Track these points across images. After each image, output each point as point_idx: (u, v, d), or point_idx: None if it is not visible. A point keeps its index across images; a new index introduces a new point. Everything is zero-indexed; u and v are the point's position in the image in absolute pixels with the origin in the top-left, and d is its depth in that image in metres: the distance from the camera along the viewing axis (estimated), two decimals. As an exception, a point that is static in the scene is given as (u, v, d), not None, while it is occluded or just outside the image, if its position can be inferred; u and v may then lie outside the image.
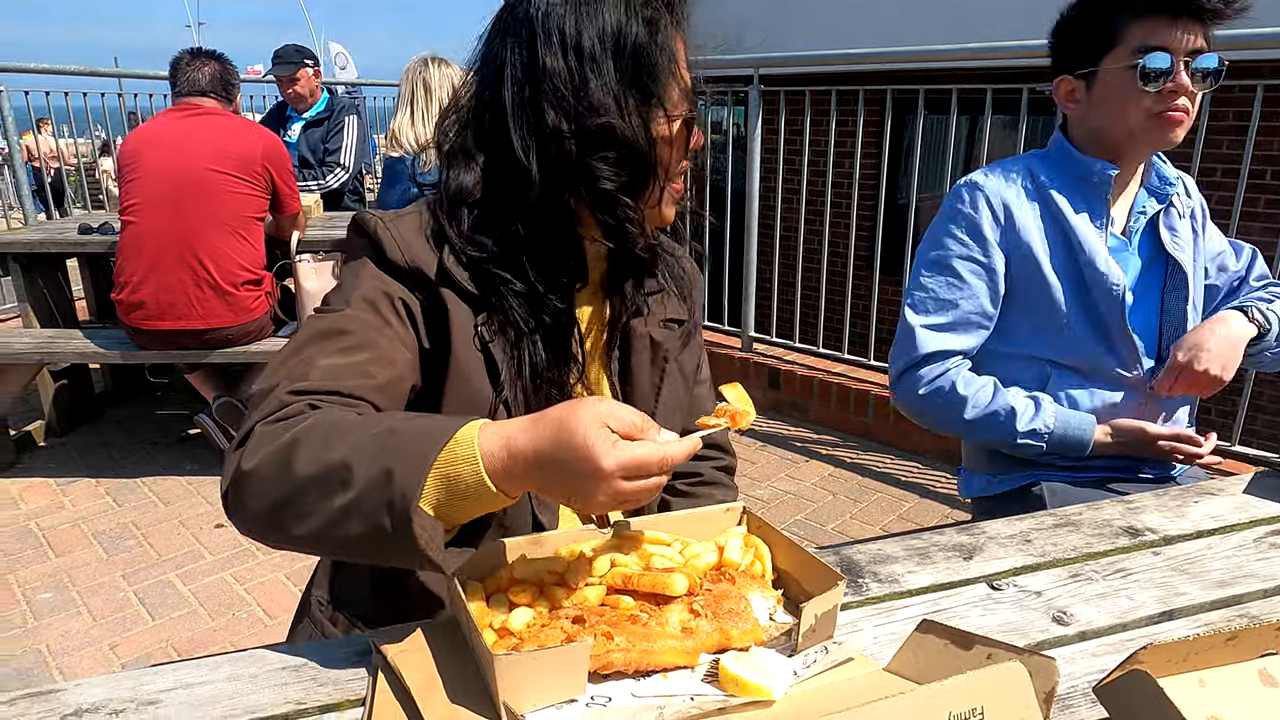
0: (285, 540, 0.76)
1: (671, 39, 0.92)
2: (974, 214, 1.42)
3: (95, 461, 3.39)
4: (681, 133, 0.94)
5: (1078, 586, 0.90)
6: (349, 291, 0.89)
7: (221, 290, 2.93)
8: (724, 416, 0.83)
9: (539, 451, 0.70)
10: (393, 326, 0.89)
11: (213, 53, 3.15)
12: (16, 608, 2.42)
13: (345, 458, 0.71)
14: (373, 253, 0.91)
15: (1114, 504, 1.10)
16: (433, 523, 0.70)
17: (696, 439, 0.75)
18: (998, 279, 1.43)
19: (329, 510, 0.71)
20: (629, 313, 1.02)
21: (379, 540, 0.70)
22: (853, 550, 0.98)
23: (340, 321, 0.87)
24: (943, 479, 3.22)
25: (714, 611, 0.75)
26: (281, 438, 0.74)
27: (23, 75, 4.72)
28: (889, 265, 3.86)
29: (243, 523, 0.77)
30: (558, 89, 0.88)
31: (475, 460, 0.70)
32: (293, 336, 0.87)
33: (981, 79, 3.22)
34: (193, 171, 2.90)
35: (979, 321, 1.43)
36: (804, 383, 3.74)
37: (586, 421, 0.68)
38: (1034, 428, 1.39)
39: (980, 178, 1.45)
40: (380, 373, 0.85)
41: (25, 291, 3.52)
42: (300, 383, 0.81)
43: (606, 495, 0.68)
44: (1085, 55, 1.38)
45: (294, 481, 0.72)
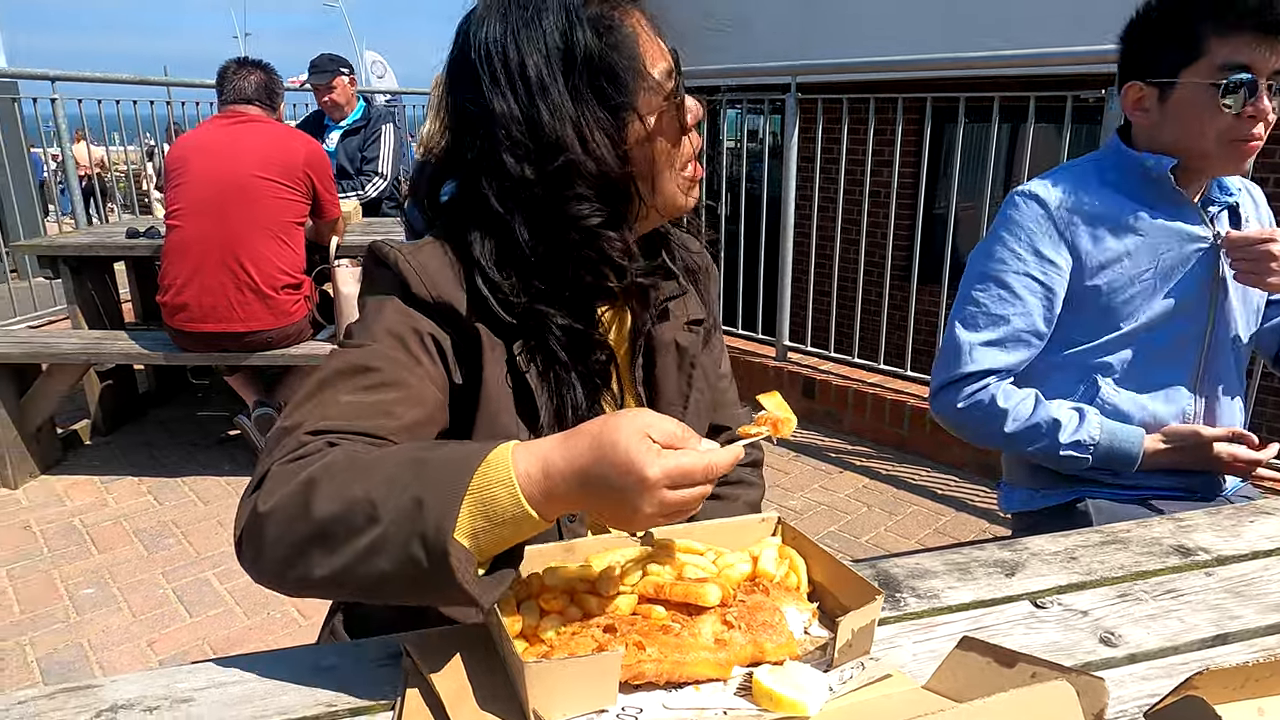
0: (306, 585, 0.70)
1: (628, 26, 0.86)
2: (1032, 226, 1.37)
3: (138, 460, 3.47)
4: (671, 118, 0.88)
5: (1126, 607, 0.87)
6: (373, 325, 0.84)
7: (262, 294, 2.98)
8: (765, 424, 0.81)
9: (579, 469, 0.66)
10: (423, 364, 0.84)
11: (258, 62, 3.21)
12: (60, 602, 2.47)
13: (369, 492, 0.67)
14: (398, 286, 0.86)
15: (1164, 522, 1.07)
16: (467, 554, 0.65)
17: (739, 448, 0.72)
18: (1054, 296, 1.37)
19: (354, 549, 0.66)
20: (652, 320, 0.98)
21: (412, 576, 0.66)
22: (890, 564, 0.96)
23: (365, 357, 0.82)
24: (981, 493, 3.16)
25: (748, 623, 0.74)
26: (298, 476, 0.70)
27: (76, 84, 4.86)
28: (927, 275, 3.81)
29: (259, 570, 0.72)
30: (512, 134, 0.83)
31: (511, 483, 0.66)
32: (315, 372, 0.83)
33: (1024, 86, 3.16)
34: (237, 177, 2.96)
35: (1029, 340, 1.38)
36: (839, 392, 3.69)
37: (627, 433, 0.65)
38: (1078, 439, 1.34)
39: (1040, 187, 1.39)
40: (407, 413, 0.81)
41: (74, 294, 3.62)
42: (320, 422, 0.77)
43: (653, 506, 0.65)
44: (1162, 64, 1.31)
45: (314, 521, 0.67)
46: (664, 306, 0.99)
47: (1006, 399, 1.37)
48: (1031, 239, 1.37)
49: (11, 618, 2.40)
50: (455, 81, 0.88)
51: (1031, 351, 1.39)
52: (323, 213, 3.19)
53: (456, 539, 0.64)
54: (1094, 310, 1.37)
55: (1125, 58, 1.38)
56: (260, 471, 0.73)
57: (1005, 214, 1.41)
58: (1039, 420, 1.35)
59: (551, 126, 0.83)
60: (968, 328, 1.40)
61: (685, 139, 0.90)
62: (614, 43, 0.85)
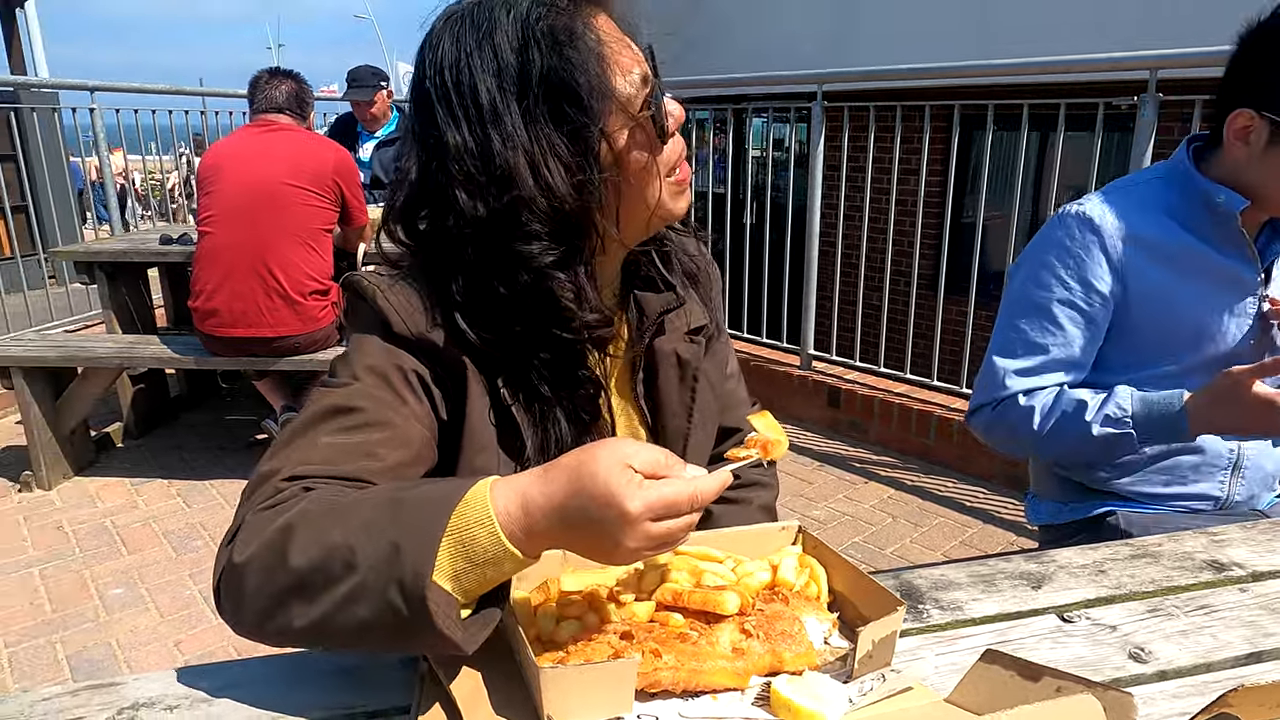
0: (287, 636, 0.67)
1: (591, 35, 0.78)
2: (1082, 254, 1.28)
3: (168, 463, 3.52)
4: (647, 128, 0.81)
5: (1157, 622, 0.85)
6: (356, 363, 0.81)
7: (290, 299, 3.02)
8: (755, 447, 0.78)
9: (558, 504, 0.63)
10: (408, 403, 0.80)
11: (289, 72, 3.27)
12: (90, 602, 2.51)
13: (346, 538, 0.64)
14: (378, 324, 0.82)
15: (1196, 536, 1.04)
16: (448, 598, 0.62)
17: (727, 473, 0.69)
18: (1098, 327, 1.31)
19: (333, 598, 0.64)
20: (650, 333, 0.94)
21: (392, 624, 0.63)
22: (913, 575, 0.94)
23: (348, 397, 0.78)
24: (1008, 504, 3.11)
25: (766, 633, 0.73)
26: (274, 524, 0.67)
27: (115, 94, 4.98)
28: (954, 284, 3.77)
29: (238, 621, 0.69)
30: (465, 168, 0.78)
31: (490, 521, 0.63)
32: (298, 414, 0.79)
33: (1054, 94, 3.13)
34: (268, 185, 3.01)
35: (1067, 369, 1.32)
36: (864, 402, 3.66)
37: (606, 465, 0.62)
38: (1108, 413, 1.23)
39: (1095, 210, 1.29)
40: (391, 454, 0.77)
41: (109, 299, 3.70)
42: (299, 467, 0.73)
43: (636, 540, 0.62)
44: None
45: (292, 571, 0.65)
46: (660, 321, 0.95)
47: (1031, 398, 1.32)
48: (1080, 267, 1.29)
49: (44, 616, 2.44)
50: (415, 109, 0.83)
51: (1072, 379, 1.33)
52: (351, 220, 3.23)
53: (436, 583, 0.62)
54: (1136, 345, 1.31)
55: (1239, 75, 1.23)
56: (236, 520, 0.71)
57: (1054, 235, 1.32)
58: (1064, 407, 1.27)
59: (504, 157, 0.77)
60: (1005, 354, 1.35)
61: (670, 143, 0.84)
62: (573, 58, 0.77)
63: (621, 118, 0.80)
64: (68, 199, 6.35)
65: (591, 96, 0.77)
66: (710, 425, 1.03)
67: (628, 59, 0.81)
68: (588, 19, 0.80)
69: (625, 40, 0.82)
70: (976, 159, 5.55)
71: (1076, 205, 1.32)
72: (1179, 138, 1.40)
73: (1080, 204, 1.32)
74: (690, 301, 0.99)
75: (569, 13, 0.79)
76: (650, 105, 0.81)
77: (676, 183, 0.86)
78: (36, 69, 7.88)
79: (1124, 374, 1.31)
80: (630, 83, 0.81)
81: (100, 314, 3.96)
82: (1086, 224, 1.29)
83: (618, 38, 0.82)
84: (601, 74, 0.78)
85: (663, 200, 0.86)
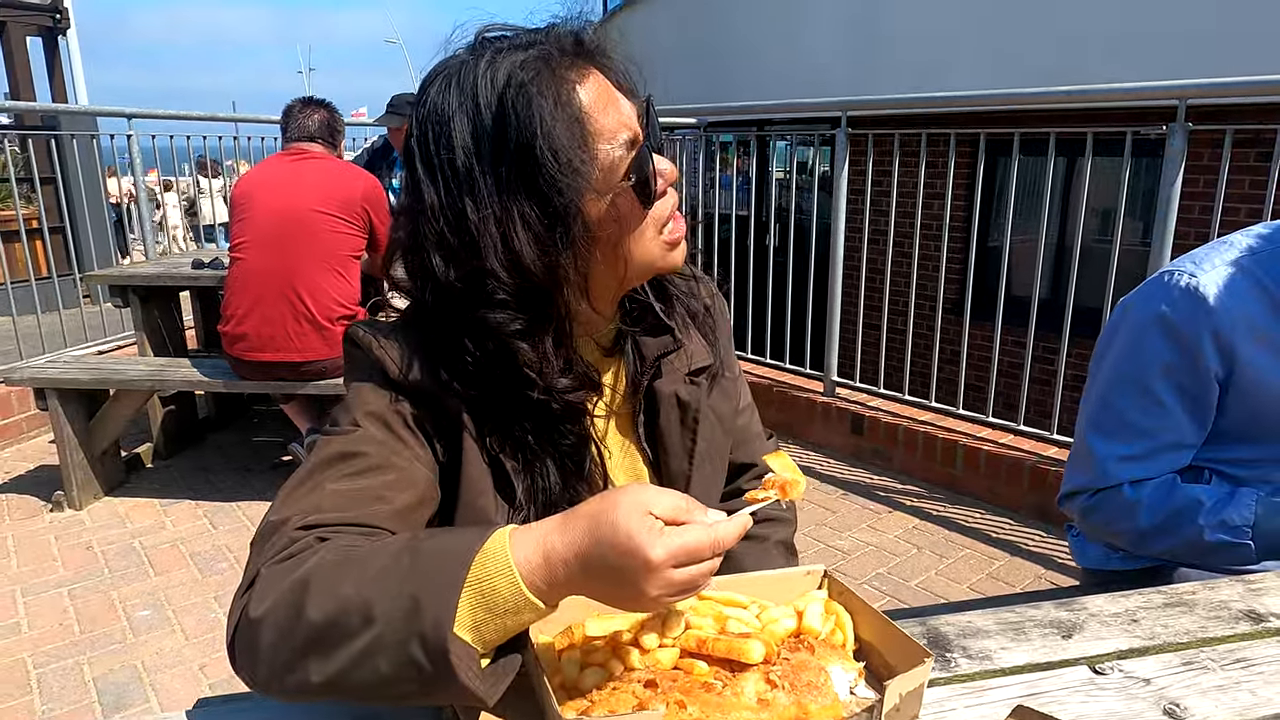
0: (305, 692, 0.66)
1: (581, 96, 0.77)
2: (1188, 331, 1.15)
3: (195, 484, 3.57)
4: (629, 195, 0.80)
5: (1192, 676, 0.83)
6: (356, 410, 0.81)
7: (318, 324, 3.06)
8: (773, 488, 0.78)
9: (579, 553, 0.63)
10: (409, 446, 0.81)
11: (321, 101, 3.33)
12: (117, 623, 2.54)
13: (362, 591, 0.63)
14: (375, 371, 0.83)
15: (1233, 584, 1.02)
16: (469, 650, 0.62)
17: (747, 516, 0.69)
18: (1208, 406, 1.19)
19: (350, 653, 0.63)
20: (648, 376, 0.94)
21: (413, 678, 0.62)
22: (939, 620, 0.93)
23: (351, 443, 0.79)
24: (1035, 536, 3.06)
25: (792, 683, 0.72)
26: (290, 576, 0.66)
27: (150, 120, 5.10)
28: (980, 310, 3.74)
29: (254, 677, 0.68)
30: (438, 227, 0.78)
31: (510, 571, 0.62)
32: (302, 464, 0.80)
33: (1081, 119, 3.11)
34: (299, 212, 3.06)
35: (1176, 455, 1.21)
36: (888, 430, 3.63)
37: (626, 512, 0.62)
38: (1224, 519, 1.13)
39: (1206, 283, 1.15)
40: (398, 497, 0.77)
41: (142, 321, 3.77)
42: (310, 516, 0.73)
43: (659, 588, 0.62)
44: None
45: (307, 626, 0.64)
46: (656, 364, 0.94)
47: (1138, 490, 1.20)
48: (1188, 345, 1.15)
49: (72, 637, 2.47)
50: (406, 161, 0.82)
51: (1181, 461, 1.21)
52: (379, 246, 3.27)
53: (457, 635, 0.61)
54: (1222, 427, 1.21)
55: None
56: (251, 573, 0.70)
57: (1154, 306, 1.18)
58: (1176, 504, 1.16)
59: (474, 223, 0.77)
60: (1105, 435, 1.23)
61: (659, 202, 0.83)
62: (550, 128, 0.75)
63: (600, 188, 0.79)
64: (104, 222, 6.49)
65: (565, 171, 0.76)
66: (717, 463, 1.02)
67: (613, 123, 0.79)
68: (575, 81, 0.78)
69: (615, 99, 0.81)
70: (1002, 184, 5.52)
71: (1187, 276, 1.17)
72: (1208, 164, 1.36)
73: (1190, 273, 1.17)
74: (691, 342, 0.97)
75: (554, 75, 0.77)
76: (631, 175, 0.80)
77: (668, 241, 0.85)
78: (76, 95, 8.09)
79: (1204, 453, 1.24)
80: (614, 149, 0.79)
81: (133, 335, 4.03)
82: (1199, 301, 1.15)
83: (607, 99, 0.80)
84: (580, 144, 0.76)
85: (653, 256, 0.85)
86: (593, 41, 0.82)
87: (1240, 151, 4.28)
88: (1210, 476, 1.24)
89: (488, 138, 0.77)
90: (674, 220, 0.86)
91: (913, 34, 6.08)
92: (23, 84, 7.54)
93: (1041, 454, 3.21)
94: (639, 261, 0.84)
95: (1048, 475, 3.11)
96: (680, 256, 0.88)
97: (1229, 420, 1.21)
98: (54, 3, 7.73)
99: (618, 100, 0.81)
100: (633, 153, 0.80)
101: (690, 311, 0.98)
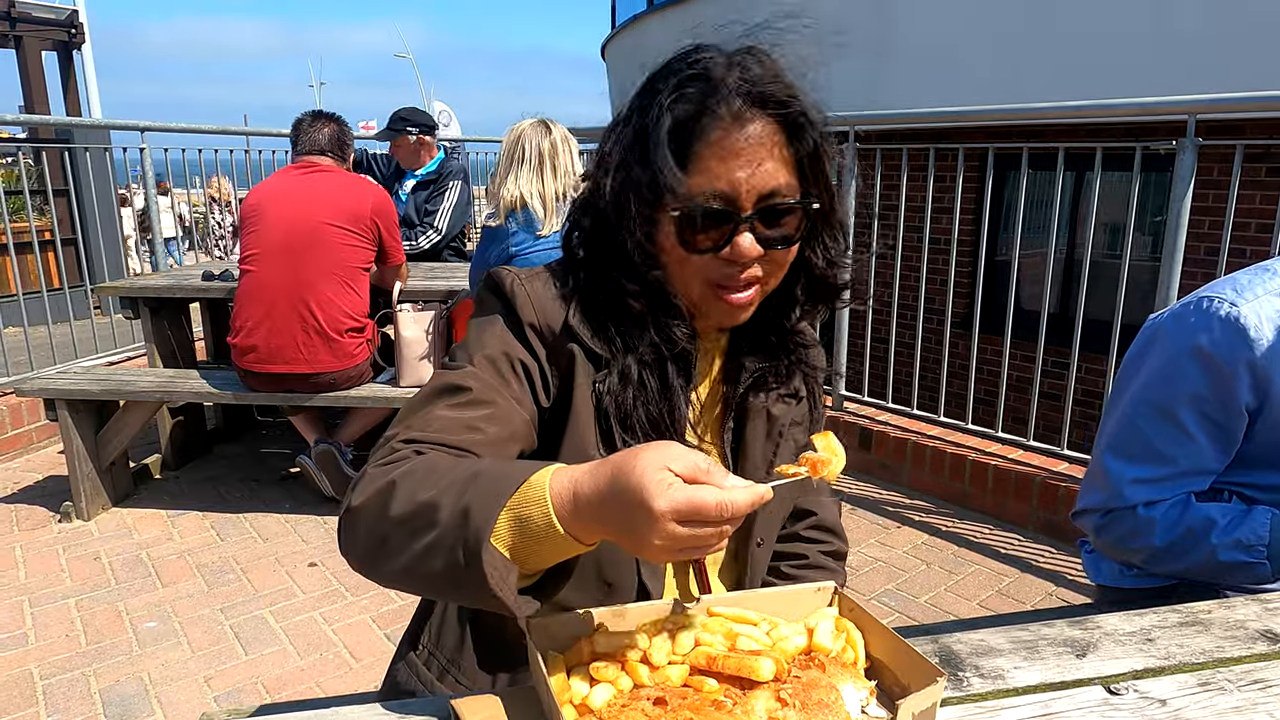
0: (388, 577, 0.78)
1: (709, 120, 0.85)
2: (1225, 363, 1.12)
3: (203, 495, 3.57)
4: (678, 226, 0.88)
5: (1209, 697, 0.82)
6: (473, 349, 0.92)
7: (327, 337, 3.07)
8: (805, 464, 0.78)
9: (601, 494, 0.68)
10: (511, 386, 0.90)
11: (331, 115, 3.35)
12: (124, 635, 2.54)
13: (434, 498, 0.73)
14: (504, 310, 0.93)
15: (1248, 603, 1.01)
16: (505, 563, 0.70)
17: (764, 488, 0.69)
18: (1235, 437, 1.17)
19: (416, 548, 0.73)
20: (746, 385, 1.00)
21: (456, 577, 0.71)
22: (951, 639, 0.92)
23: (461, 378, 0.89)
24: (1045, 553, 3.03)
25: (802, 701, 0.71)
26: (385, 478, 0.78)
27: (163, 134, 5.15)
28: (989, 324, 3.73)
29: (354, 558, 0.81)
30: (591, 195, 0.93)
31: (545, 502, 0.70)
32: (420, 389, 0.92)
33: (1090, 134, 3.11)
34: (309, 225, 3.07)
35: (1195, 480, 1.20)
36: (897, 444, 3.61)
37: (645, 462, 0.66)
38: (1239, 537, 1.12)
39: (1243, 307, 1.11)
40: (490, 429, 0.87)
41: (152, 333, 3.78)
42: (415, 433, 0.85)
43: (662, 539, 0.65)
44: None
45: (389, 520, 0.75)
46: (759, 374, 1.00)
47: (1152, 510, 1.19)
48: (1222, 377, 1.13)
49: (78, 648, 2.47)
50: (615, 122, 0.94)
51: (1199, 486, 1.20)
52: (388, 259, 3.29)
53: (492, 545, 0.69)
54: (1248, 452, 1.19)
55: None
56: (361, 472, 0.82)
57: (1193, 334, 1.15)
58: (1189, 523, 1.15)
59: (606, 202, 0.90)
60: (1123, 457, 1.21)
61: (708, 257, 0.89)
62: (685, 137, 0.85)
63: (669, 205, 0.87)
64: (115, 234, 6.54)
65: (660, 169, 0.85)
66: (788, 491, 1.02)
67: (721, 170, 0.85)
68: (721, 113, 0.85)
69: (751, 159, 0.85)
70: (1011, 199, 5.51)
71: (1228, 305, 1.14)
72: (1219, 178, 1.36)
73: (1231, 302, 1.14)
74: (795, 379, 1.04)
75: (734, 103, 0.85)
76: (681, 210, 0.86)
77: (719, 295, 0.90)
78: (90, 109, 8.18)
79: (1225, 476, 1.23)
80: (702, 181, 0.85)
81: (143, 346, 4.05)
82: (1239, 333, 1.12)
83: (736, 149, 0.85)
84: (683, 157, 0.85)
85: (697, 297, 0.92)
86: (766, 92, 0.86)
87: (1251, 166, 4.27)
88: (1230, 497, 1.22)
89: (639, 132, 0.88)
90: (735, 282, 0.90)
91: (921, 49, 6.09)
92: (37, 97, 7.63)
93: (1051, 469, 3.19)
94: (688, 288, 0.91)
95: (1057, 491, 3.09)
96: (728, 316, 0.93)
97: (1255, 446, 1.19)
98: (69, 18, 7.83)
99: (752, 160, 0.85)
100: (699, 199, 0.85)
101: (801, 359, 1.04)
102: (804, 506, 1.19)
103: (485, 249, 2.87)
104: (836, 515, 1.24)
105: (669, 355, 0.92)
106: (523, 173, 2.77)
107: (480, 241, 2.95)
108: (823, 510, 1.22)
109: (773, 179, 0.86)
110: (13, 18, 7.25)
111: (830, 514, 1.23)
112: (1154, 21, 4.61)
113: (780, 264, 0.92)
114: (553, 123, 2.85)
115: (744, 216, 0.86)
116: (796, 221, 0.89)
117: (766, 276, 0.91)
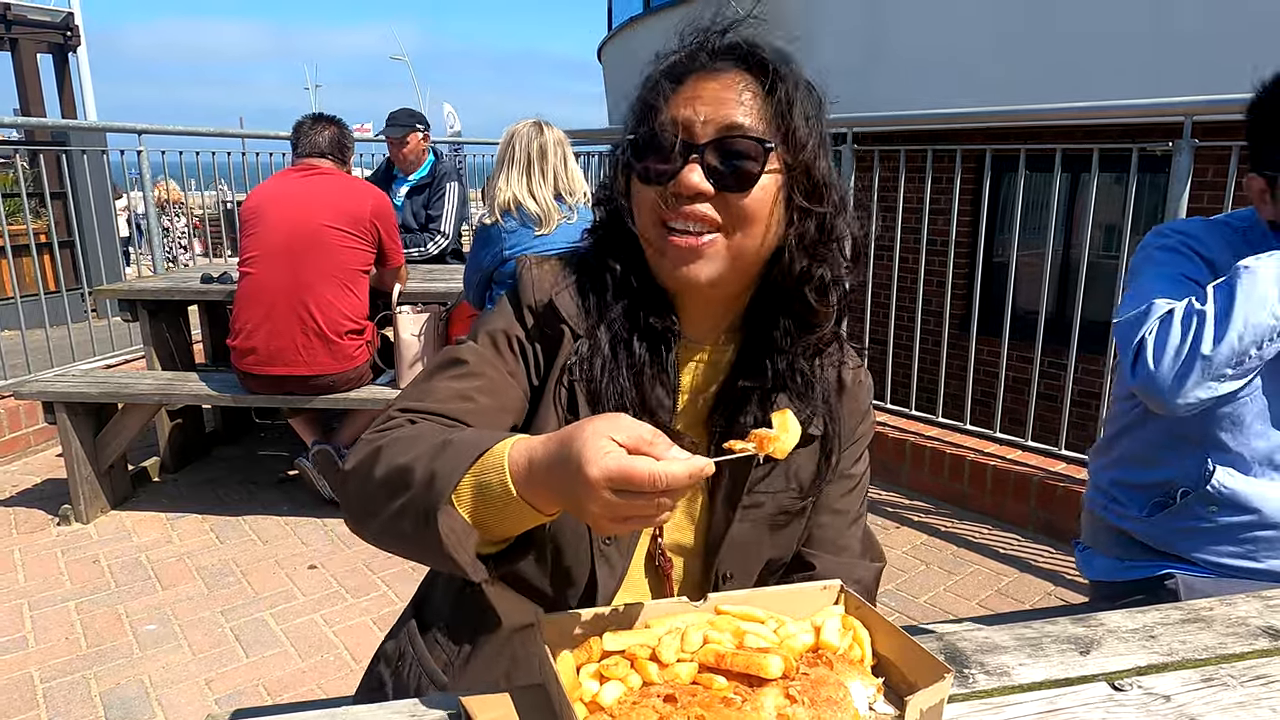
0: (371, 534, 0.83)
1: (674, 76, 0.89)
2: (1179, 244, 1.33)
3: (202, 498, 3.57)
4: (642, 191, 0.89)
5: (1212, 693, 0.82)
6: (479, 327, 0.97)
7: (327, 339, 3.07)
8: (753, 441, 0.77)
9: (549, 462, 0.71)
10: (505, 360, 0.94)
11: (331, 118, 3.36)
12: (124, 638, 2.54)
13: (409, 462, 0.77)
14: (512, 292, 0.98)
15: (1249, 599, 1.01)
16: (465, 526, 0.74)
17: (705, 461, 0.68)
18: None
19: (392, 509, 0.78)
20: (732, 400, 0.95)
21: (421, 538, 0.75)
22: (956, 636, 0.93)
23: (461, 352, 0.94)
24: (1044, 553, 3.05)
25: (811, 698, 0.72)
26: (374, 444, 0.83)
27: (160, 136, 5.14)
28: (986, 325, 3.74)
29: (349, 517, 0.86)
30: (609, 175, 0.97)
31: (503, 469, 0.73)
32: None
33: (1087, 135, 3.12)
34: (308, 227, 3.08)
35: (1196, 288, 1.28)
36: (895, 445, 3.62)
37: (590, 430, 0.67)
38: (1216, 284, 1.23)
39: (1179, 223, 1.37)
40: (482, 399, 0.90)
41: (150, 335, 3.78)
42: (411, 402, 0.90)
43: (598, 506, 0.67)
44: (1271, 159, 1.26)
45: (373, 482, 0.80)
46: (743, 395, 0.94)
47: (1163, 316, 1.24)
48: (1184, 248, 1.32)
49: (79, 651, 2.46)
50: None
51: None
52: (387, 261, 3.29)
53: (452, 509, 0.73)
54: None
55: (1248, 138, 1.33)
56: (359, 439, 0.87)
57: (1152, 241, 1.37)
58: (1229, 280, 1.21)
59: (612, 189, 0.95)
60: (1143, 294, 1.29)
61: (645, 191, 0.88)
62: (666, 88, 0.88)
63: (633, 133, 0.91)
64: (113, 236, 6.53)
65: (633, 113, 0.91)
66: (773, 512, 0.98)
67: (685, 102, 0.86)
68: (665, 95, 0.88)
69: (710, 99, 0.86)
70: (1008, 200, 5.53)
71: (1163, 226, 1.39)
72: (1214, 180, 1.42)
73: (1170, 223, 1.39)
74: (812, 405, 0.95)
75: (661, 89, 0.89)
76: (637, 134, 0.89)
77: (668, 235, 0.87)
78: (85, 111, 8.16)
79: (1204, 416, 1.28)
80: (663, 119, 0.86)
81: (141, 349, 4.04)
82: (1178, 230, 1.36)
83: (697, 94, 0.86)
84: (648, 97, 0.89)
85: (653, 239, 0.90)
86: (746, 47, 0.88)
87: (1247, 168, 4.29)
88: (1214, 468, 1.28)
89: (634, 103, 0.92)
90: (658, 228, 0.88)
91: (918, 50, 6.11)
92: (33, 100, 7.61)
93: (1049, 470, 3.20)
94: (645, 229, 0.90)
95: (1055, 491, 3.10)
96: (675, 271, 0.88)
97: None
98: (65, 20, 7.82)
99: (716, 100, 0.86)
100: (647, 129, 0.87)
101: (805, 371, 0.95)
102: (806, 557, 1.05)
103: (478, 252, 2.87)
104: (867, 535, 1.12)
105: (643, 328, 0.92)
106: (513, 174, 2.78)
107: (473, 245, 2.95)
108: (824, 572, 1.03)
109: (732, 117, 0.84)
110: (8, 20, 7.23)
111: (859, 535, 1.10)
112: (1154, 22, 4.62)
113: (743, 216, 0.85)
114: (548, 125, 2.86)
115: (695, 146, 0.84)
116: (758, 168, 0.84)
117: (728, 226, 0.86)
